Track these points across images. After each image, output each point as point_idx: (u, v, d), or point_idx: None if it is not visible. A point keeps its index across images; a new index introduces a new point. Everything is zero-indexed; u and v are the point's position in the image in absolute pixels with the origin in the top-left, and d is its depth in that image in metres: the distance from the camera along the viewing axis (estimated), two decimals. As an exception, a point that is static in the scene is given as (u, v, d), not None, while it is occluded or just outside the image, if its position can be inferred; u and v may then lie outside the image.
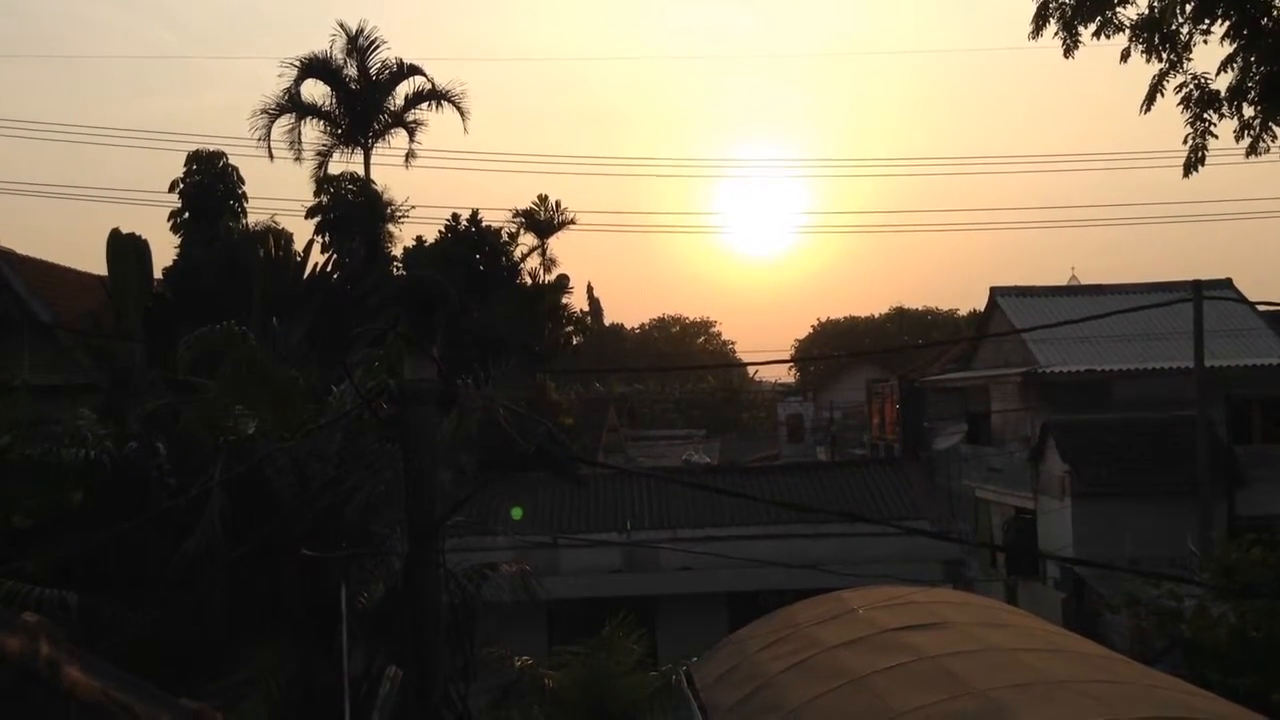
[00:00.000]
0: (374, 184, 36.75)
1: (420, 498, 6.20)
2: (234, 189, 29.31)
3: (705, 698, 12.03)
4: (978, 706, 8.59)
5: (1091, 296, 34.65)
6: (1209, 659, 15.59)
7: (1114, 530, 25.13)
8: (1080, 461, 27.82)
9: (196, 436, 12.57)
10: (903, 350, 63.85)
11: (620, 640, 16.70)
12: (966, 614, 12.12)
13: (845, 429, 60.84)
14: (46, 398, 17.68)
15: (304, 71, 36.83)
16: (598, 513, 26.48)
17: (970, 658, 9.91)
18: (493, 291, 33.33)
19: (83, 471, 12.26)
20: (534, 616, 19.36)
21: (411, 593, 6.23)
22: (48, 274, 25.93)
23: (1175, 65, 9.51)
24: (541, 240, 39.65)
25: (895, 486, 27.28)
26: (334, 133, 37.47)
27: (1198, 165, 9.63)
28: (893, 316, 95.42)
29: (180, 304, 22.07)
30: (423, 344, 6.03)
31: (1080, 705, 8.42)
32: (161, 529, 11.46)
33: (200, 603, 11.19)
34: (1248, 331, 31.57)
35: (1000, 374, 34.43)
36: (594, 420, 46.13)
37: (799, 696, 10.26)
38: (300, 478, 12.04)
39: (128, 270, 20.17)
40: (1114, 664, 10.49)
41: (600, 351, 72.14)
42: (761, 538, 24.20)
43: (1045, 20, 9.77)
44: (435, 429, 6.41)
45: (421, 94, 37.68)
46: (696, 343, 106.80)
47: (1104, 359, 30.92)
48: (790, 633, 12.44)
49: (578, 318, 43.27)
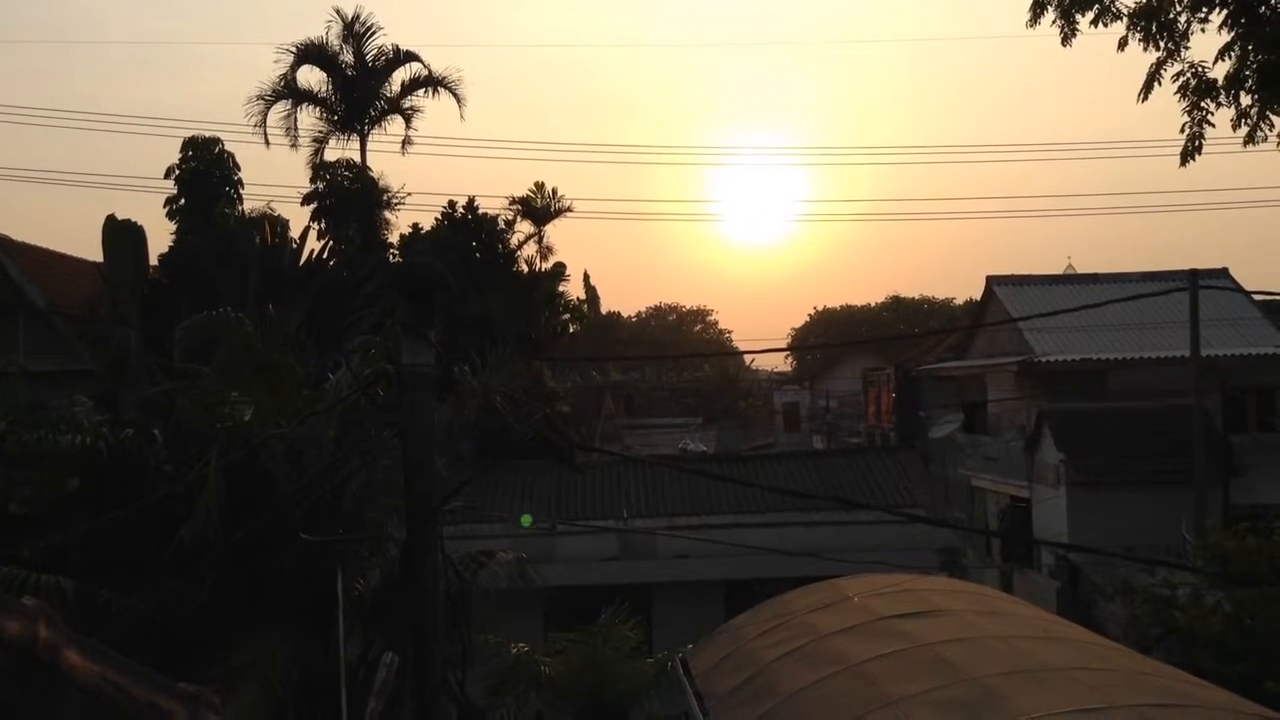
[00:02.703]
0: (370, 171, 36.66)
1: (419, 482, 6.20)
2: (230, 175, 29.18)
3: (701, 684, 12.07)
4: (973, 693, 8.62)
5: (1087, 285, 34.65)
6: (1204, 647, 15.64)
7: (1109, 518, 25.19)
8: (1075, 450, 27.87)
9: (193, 423, 12.55)
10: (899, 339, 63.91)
11: (616, 627, 16.74)
12: (961, 601, 12.16)
13: (841, 417, 60.97)
14: (43, 384, 17.67)
15: (300, 58, 36.69)
16: (594, 500, 26.49)
17: (965, 645, 9.95)
18: (489, 279, 33.27)
19: (79, 458, 12.26)
20: (530, 603, 19.37)
21: (410, 578, 6.23)
22: (44, 260, 25.89)
23: (1173, 54, 9.51)
24: (538, 228, 39.56)
25: (891, 475, 27.28)
26: (330, 119, 37.36)
27: (1195, 154, 9.64)
28: (889, 305, 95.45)
29: (176, 290, 22.02)
30: (421, 329, 6.02)
31: (1075, 692, 8.45)
32: (158, 515, 11.47)
33: (196, 589, 11.20)
34: (1244, 321, 31.61)
35: (996, 363, 34.47)
36: (590, 408, 46.10)
37: (794, 683, 10.29)
38: (297, 464, 12.04)
39: (124, 256, 20.14)
40: (1109, 652, 10.52)
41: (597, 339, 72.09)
42: (757, 525, 24.21)
43: (1043, 8, 9.76)
44: (433, 414, 6.40)
45: (418, 80, 37.58)
46: (693, 331, 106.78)
47: (1100, 348, 30.95)
48: (786, 620, 12.47)
49: (574, 305, 43.20)
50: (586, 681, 15.74)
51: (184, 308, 14.88)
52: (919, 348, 48.53)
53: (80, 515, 11.65)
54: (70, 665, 2.93)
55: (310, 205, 34.63)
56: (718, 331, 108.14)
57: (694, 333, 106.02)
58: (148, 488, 11.98)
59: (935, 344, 46.13)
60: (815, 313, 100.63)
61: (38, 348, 22.05)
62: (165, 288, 23.01)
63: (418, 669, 6.19)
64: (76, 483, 12.35)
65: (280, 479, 11.82)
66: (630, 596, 18.26)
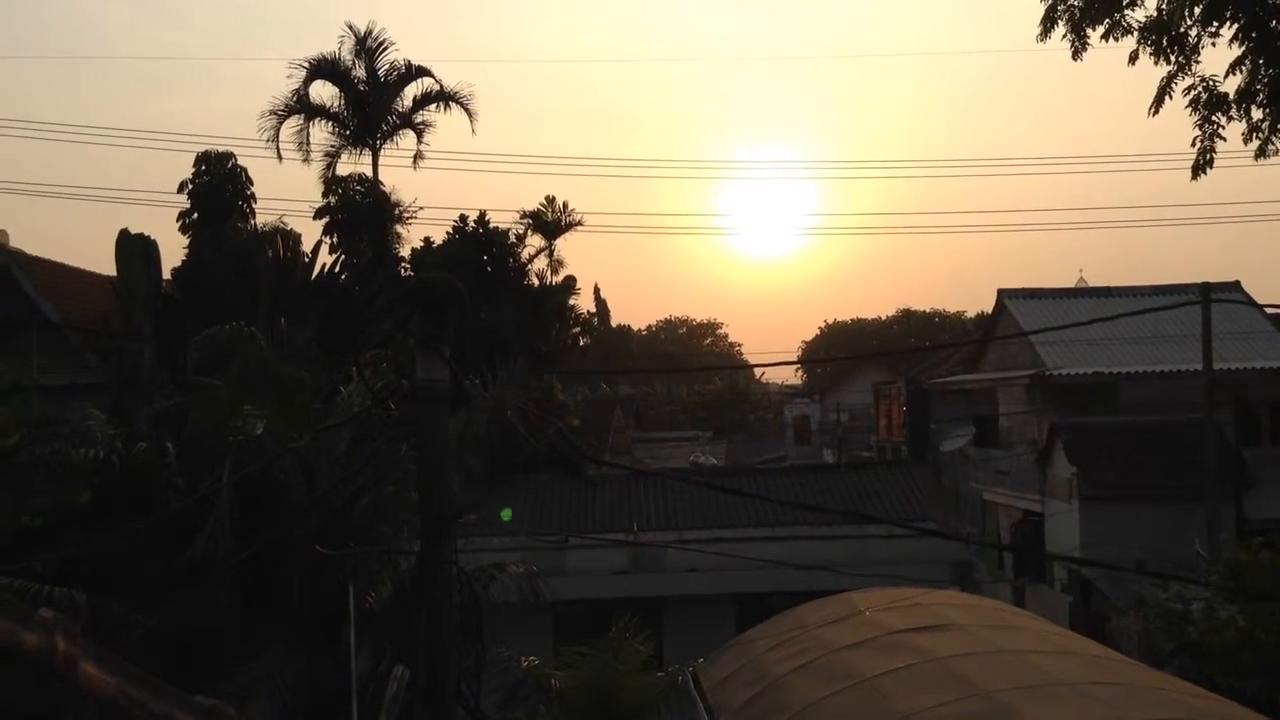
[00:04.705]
0: (382, 185, 36.79)
1: (433, 496, 6.22)
2: (243, 190, 29.31)
3: (712, 699, 12.05)
4: (984, 708, 8.59)
5: (1099, 299, 34.62)
6: (1217, 662, 15.57)
7: (1122, 533, 25.08)
8: (1088, 464, 27.78)
9: (205, 436, 12.59)
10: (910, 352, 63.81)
11: (627, 641, 16.70)
12: (973, 616, 12.12)
13: (852, 431, 60.82)
14: (55, 398, 17.75)
15: (312, 73, 36.88)
16: (604, 514, 26.47)
17: (977, 660, 9.92)
18: (500, 292, 33.33)
19: (92, 471, 12.29)
20: (540, 617, 19.35)
21: (424, 591, 6.25)
22: (57, 274, 26.01)
23: (1184, 68, 9.52)
24: (549, 241, 39.68)
25: (902, 488, 27.21)
26: (342, 134, 37.52)
27: (1206, 168, 9.64)
28: (900, 318, 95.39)
29: (189, 304, 22.13)
30: (436, 344, 6.04)
31: (1087, 708, 8.42)
32: (170, 528, 11.49)
33: (208, 602, 11.22)
34: (1256, 334, 31.53)
35: (1008, 376, 34.40)
36: (601, 421, 46.09)
37: (805, 698, 10.27)
38: (308, 478, 12.06)
39: (136, 270, 20.23)
40: (1121, 666, 10.48)
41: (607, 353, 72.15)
42: (768, 539, 24.16)
43: (1054, 22, 9.78)
44: (448, 429, 6.43)
45: (430, 95, 37.73)
46: (703, 344, 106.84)
47: (1112, 361, 30.88)
48: (797, 634, 12.45)
49: (585, 319, 43.26)
50: (596, 695, 15.69)
51: (196, 322, 14.96)
52: (930, 361, 48.46)
53: (93, 528, 11.67)
54: (87, 678, 2.94)
55: (322, 219, 34.76)
56: (728, 345, 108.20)
57: (704, 346, 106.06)
58: (160, 501, 12.01)
59: (946, 357, 46.08)
60: (826, 326, 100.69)
61: (51, 361, 22.14)
62: (178, 302, 23.12)
63: (431, 681, 6.20)
64: (89, 495, 12.37)
65: (292, 492, 11.84)
66: (640, 610, 18.20)
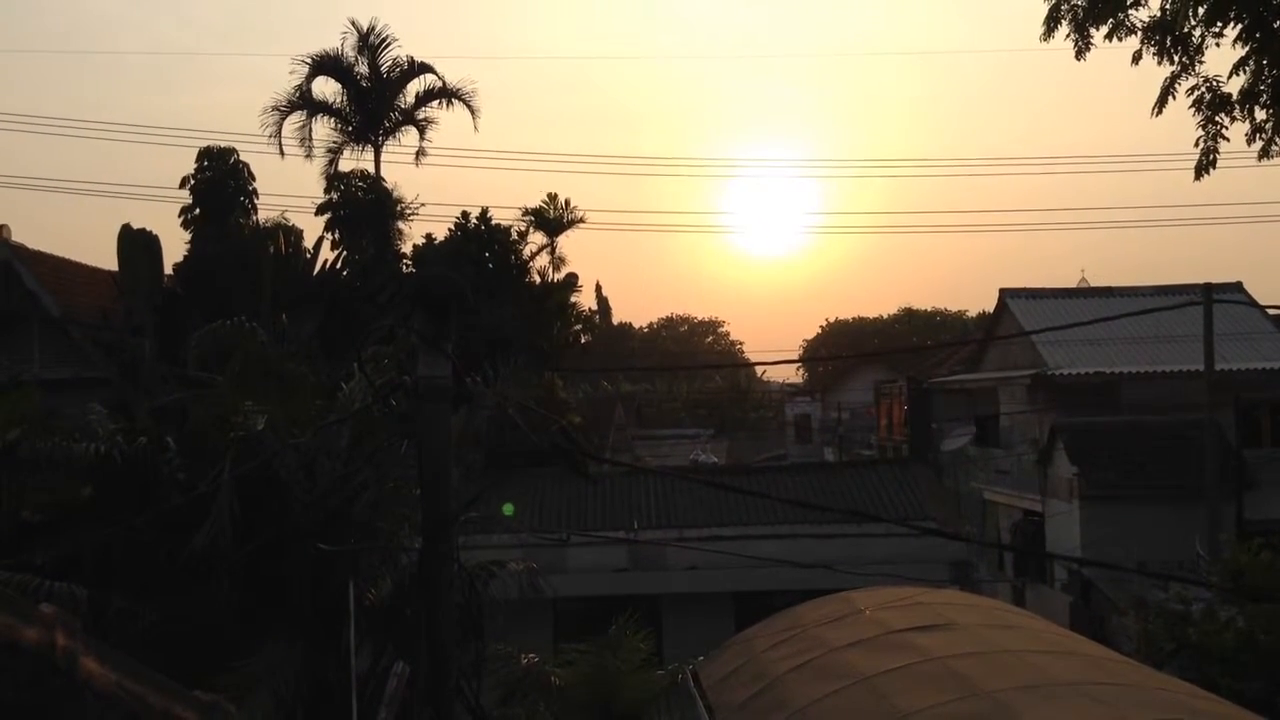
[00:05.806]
0: (384, 181, 36.72)
1: (435, 493, 6.22)
2: (245, 185, 29.28)
3: (711, 697, 12.05)
4: (984, 708, 8.59)
5: (1101, 299, 34.60)
6: (1217, 662, 15.56)
7: (1122, 533, 25.09)
8: (1089, 464, 27.78)
9: (206, 432, 12.60)
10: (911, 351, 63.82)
11: (627, 638, 16.70)
12: (973, 615, 12.12)
13: (853, 430, 60.80)
14: (57, 392, 17.76)
15: (315, 69, 36.84)
16: (604, 511, 26.46)
17: (977, 659, 9.91)
18: (501, 290, 33.31)
19: (93, 466, 12.30)
20: (540, 614, 19.38)
21: (424, 587, 6.25)
22: (59, 269, 26.01)
23: (1187, 68, 9.50)
24: (551, 239, 39.62)
25: (903, 487, 27.18)
26: (345, 130, 37.48)
27: (1209, 168, 9.62)
28: (901, 317, 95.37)
29: (191, 299, 22.13)
30: (438, 342, 6.04)
31: (1086, 708, 8.42)
32: (171, 524, 11.50)
33: (209, 598, 11.23)
34: (1258, 335, 31.52)
35: (1009, 376, 34.38)
36: (602, 419, 46.10)
37: (805, 696, 10.27)
38: (309, 474, 12.07)
39: (139, 266, 20.28)
40: (1121, 667, 10.48)
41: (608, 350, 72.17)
42: (768, 537, 24.15)
43: (1057, 22, 9.76)
44: (450, 426, 6.42)
45: (432, 92, 37.69)
46: (704, 342, 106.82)
47: (1113, 361, 30.87)
48: (797, 633, 12.44)
49: (586, 316, 43.21)
50: (596, 692, 15.69)
51: (198, 317, 14.98)
52: (931, 360, 48.45)
53: (93, 523, 11.69)
54: (88, 672, 2.95)
55: (324, 215, 34.71)
56: (729, 343, 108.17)
57: (705, 344, 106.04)
58: (161, 496, 12.02)
59: (948, 357, 46.08)
60: (827, 324, 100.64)
61: (52, 356, 22.16)
62: (179, 297, 23.14)
63: (432, 678, 6.20)
64: (90, 490, 12.39)
65: (293, 488, 11.85)
66: (640, 608, 18.20)
